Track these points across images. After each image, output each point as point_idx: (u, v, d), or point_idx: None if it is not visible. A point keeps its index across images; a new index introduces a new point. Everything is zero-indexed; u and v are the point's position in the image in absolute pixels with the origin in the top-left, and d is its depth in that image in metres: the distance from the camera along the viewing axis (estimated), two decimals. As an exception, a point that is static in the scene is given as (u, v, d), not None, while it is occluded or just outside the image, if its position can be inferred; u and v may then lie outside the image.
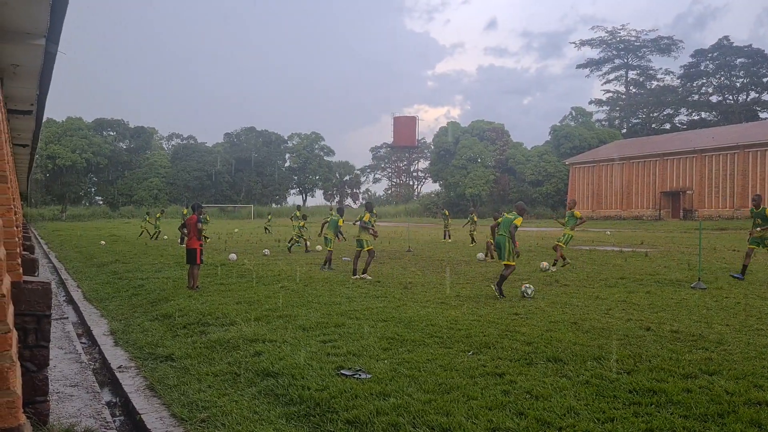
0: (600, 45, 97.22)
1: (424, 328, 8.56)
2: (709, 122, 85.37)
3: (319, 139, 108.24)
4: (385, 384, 6.01)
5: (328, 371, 6.47)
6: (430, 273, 15.90)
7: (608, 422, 4.96)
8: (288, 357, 7.05)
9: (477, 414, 5.17)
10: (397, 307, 10.47)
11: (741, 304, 10.60)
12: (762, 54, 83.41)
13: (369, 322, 9.08)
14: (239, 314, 9.80)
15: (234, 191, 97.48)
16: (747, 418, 4.94)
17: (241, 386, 6.31)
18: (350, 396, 5.68)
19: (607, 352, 7.05)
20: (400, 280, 14.24)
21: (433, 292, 12.34)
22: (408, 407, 5.35)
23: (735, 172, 53.90)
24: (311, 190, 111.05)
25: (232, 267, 17.43)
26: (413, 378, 6.19)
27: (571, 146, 77.41)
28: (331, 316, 9.61)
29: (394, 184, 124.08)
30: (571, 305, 10.57)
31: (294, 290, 12.63)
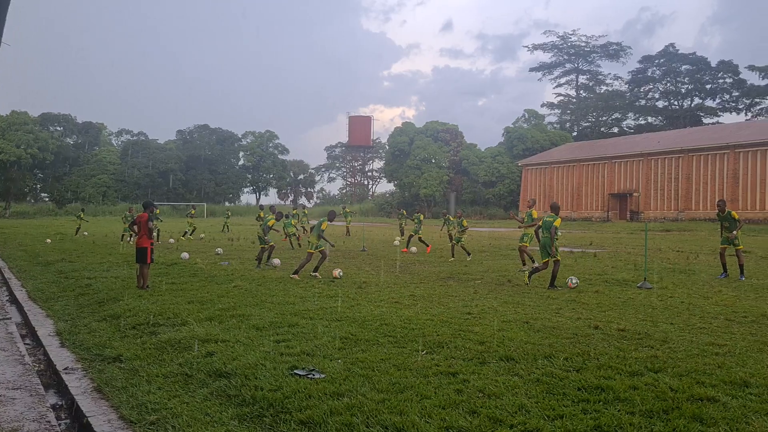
0: (552, 49, 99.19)
1: (378, 328, 8.58)
2: (656, 126, 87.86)
3: (274, 137, 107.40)
4: (339, 384, 6.00)
5: (282, 371, 6.43)
6: (384, 273, 15.93)
7: (558, 419, 5.06)
8: (241, 357, 6.98)
9: (430, 413, 5.21)
10: (351, 306, 10.46)
11: (685, 303, 10.95)
12: (705, 61, 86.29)
13: (323, 321, 9.05)
14: (191, 314, 9.65)
15: (186, 189, 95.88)
16: (690, 413, 5.11)
17: (193, 387, 6.21)
18: (304, 396, 5.65)
19: (557, 351, 7.19)
20: (355, 280, 14.23)
21: (387, 291, 12.37)
22: (362, 407, 5.35)
23: (679, 175, 55.63)
24: (265, 188, 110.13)
25: (184, 266, 17.14)
26: (367, 377, 6.20)
27: (524, 148, 78.64)
28: (285, 315, 9.55)
29: (349, 183, 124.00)
30: (523, 305, 10.74)
31: (247, 289, 12.50)
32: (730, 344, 7.63)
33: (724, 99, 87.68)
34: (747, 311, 10.06)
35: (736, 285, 13.43)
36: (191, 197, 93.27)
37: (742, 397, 5.57)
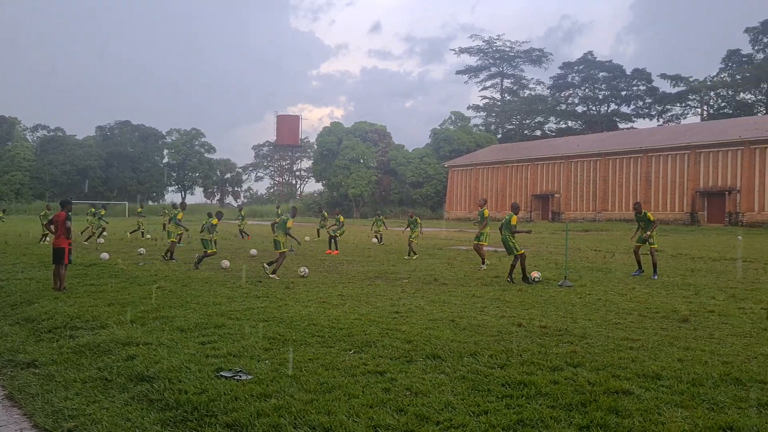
0: (478, 53, 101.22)
1: (306, 328, 8.54)
2: (575, 130, 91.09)
3: (200, 135, 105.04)
4: (266, 385, 5.94)
5: (207, 373, 6.31)
6: (312, 272, 15.85)
7: (482, 415, 5.18)
8: (164, 360, 6.80)
9: (358, 412, 5.23)
10: (278, 306, 10.37)
11: (602, 300, 11.41)
12: (621, 69, 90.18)
13: (250, 322, 8.93)
14: (111, 316, 9.33)
15: (107, 187, 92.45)
16: (606, 406, 5.34)
17: (113, 392, 6.01)
18: (230, 398, 5.56)
19: (482, 348, 7.36)
20: (282, 280, 14.11)
21: (315, 291, 12.33)
22: (289, 408, 5.32)
23: (597, 177, 57.88)
24: (191, 187, 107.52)
25: (103, 267, 16.53)
26: (295, 378, 6.16)
27: (451, 149, 79.91)
28: (211, 316, 9.37)
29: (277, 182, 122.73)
30: (449, 303, 10.92)
31: (171, 290, 12.18)
32: (643, 339, 8.01)
33: (638, 105, 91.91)
34: (659, 307, 10.57)
35: (649, 283, 14.09)
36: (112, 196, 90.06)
37: (654, 389, 5.86)
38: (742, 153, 47.99)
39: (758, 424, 4.92)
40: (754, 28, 77.24)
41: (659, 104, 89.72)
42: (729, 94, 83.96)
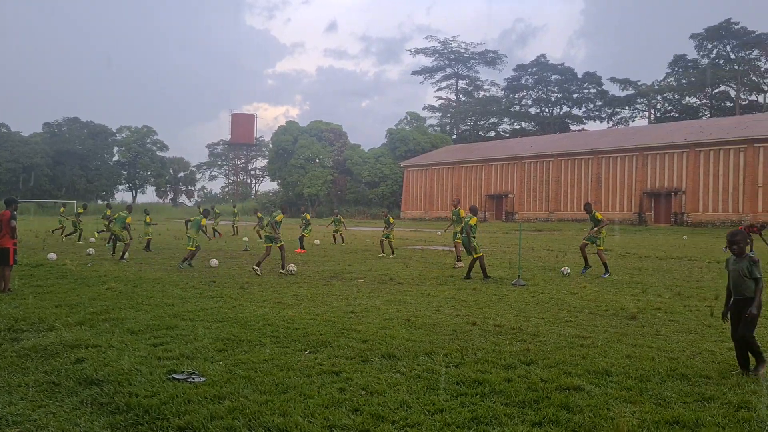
0: (433, 54, 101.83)
1: (261, 328, 8.47)
2: (529, 132, 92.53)
3: (152, 133, 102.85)
4: (219, 386, 5.86)
5: (159, 376, 6.19)
6: (267, 272, 15.72)
7: (438, 413, 5.22)
8: (114, 363, 6.65)
9: (314, 412, 5.21)
10: (233, 307, 10.25)
11: (554, 299, 11.63)
12: (572, 72, 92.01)
13: (203, 323, 8.81)
14: (59, 318, 9.07)
15: (55, 186, 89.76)
16: (558, 402, 5.44)
17: (60, 396, 5.83)
18: (182, 401, 5.47)
19: (437, 347, 7.42)
20: (237, 280, 13.95)
21: (270, 291, 12.24)
22: (244, 409, 5.26)
23: (549, 178, 58.94)
24: (142, 186, 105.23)
25: (51, 268, 16.06)
26: (249, 379, 6.10)
27: (406, 149, 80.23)
28: (163, 317, 9.20)
29: (231, 181, 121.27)
30: (404, 303, 10.97)
31: (122, 291, 11.92)
32: (594, 336, 8.20)
33: (588, 108, 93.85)
34: (608, 305, 10.84)
35: (599, 281, 14.42)
36: (59, 194, 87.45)
37: (604, 385, 6.01)
38: (688, 155, 49.53)
39: (702, 418, 5.09)
40: (698, 35, 79.71)
41: (609, 107, 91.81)
42: (675, 98, 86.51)
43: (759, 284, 6.41)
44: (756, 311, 6.31)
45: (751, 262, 6.44)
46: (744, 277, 6.43)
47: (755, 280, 6.41)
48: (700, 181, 48.78)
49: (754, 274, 6.40)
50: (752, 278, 6.41)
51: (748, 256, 6.49)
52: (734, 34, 77.17)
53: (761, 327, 9.07)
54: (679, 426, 4.96)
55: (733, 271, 6.56)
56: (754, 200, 45.55)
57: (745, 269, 6.44)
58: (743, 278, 6.44)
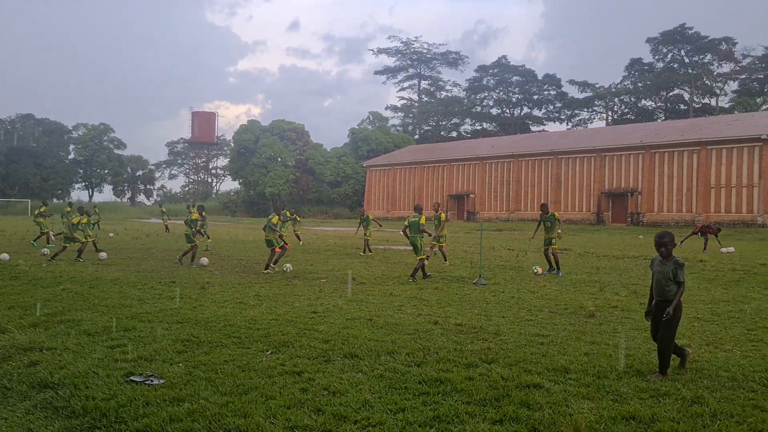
0: (396, 54, 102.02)
1: (222, 329, 8.38)
2: (490, 132, 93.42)
3: (109, 130, 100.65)
4: (179, 389, 5.78)
5: (116, 379, 6.08)
6: (228, 273, 15.56)
7: (400, 412, 5.24)
8: (70, 365, 6.50)
9: (275, 413, 5.18)
10: (193, 308, 10.12)
11: (515, 298, 11.77)
12: (533, 74, 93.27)
13: (163, 324, 8.67)
14: (11, 320, 8.82)
15: (7, 184, 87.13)
16: (518, 400, 5.51)
17: (13, 401, 5.68)
18: (141, 404, 5.38)
19: (399, 347, 7.44)
20: (197, 281, 13.77)
21: (231, 291, 12.11)
22: (204, 411, 5.20)
23: (510, 178, 59.63)
24: (99, 184, 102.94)
25: (3, 268, 15.61)
26: (210, 380, 6.03)
27: (369, 149, 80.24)
28: (121, 319, 9.02)
29: (192, 181, 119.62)
30: (366, 302, 10.98)
31: (78, 292, 11.65)
32: (553, 334, 8.33)
33: (548, 109, 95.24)
34: (567, 304, 11.02)
35: (558, 280, 14.65)
36: (12, 193, 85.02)
37: (563, 382, 6.11)
38: (643, 157, 50.66)
39: (657, 413, 5.22)
40: (654, 39, 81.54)
41: (568, 109, 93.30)
42: (632, 101, 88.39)
43: (681, 288, 6.34)
44: (673, 312, 6.23)
45: (677, 265, 6.35)
46: (668, 279, 6.34)
47: (678, 284, 6.33)
48: (655, 181, 49.93)
49: (678, 278, 6.31)
50: (676, 281, 6.32)
51: (675, 259, 6.40)
52: (688, 39, 79.19)
53: (713, 323, 9.35)
54: (635, 421, 5.07)
55: (657, 273, 6.46)
56: (706, 201, 46.83)
57: (670, 272, 6.34)
58: (667, 281, 6.35)
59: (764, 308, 10.78)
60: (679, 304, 6.32)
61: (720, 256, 22.13)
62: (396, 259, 19.90)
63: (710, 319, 9.77)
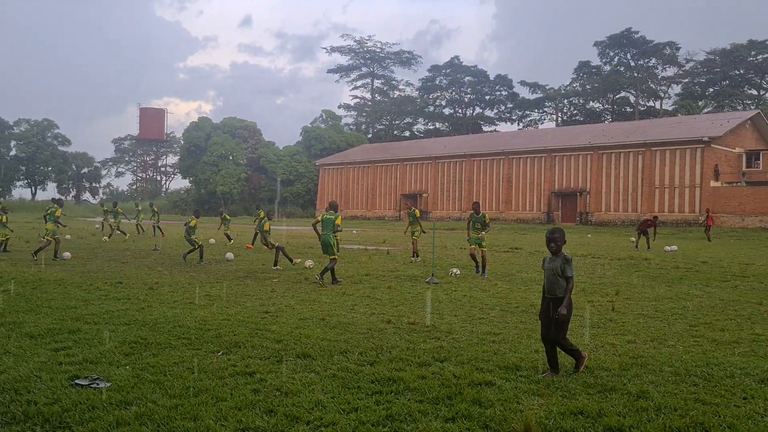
0: (349, 53, 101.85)
1: (171, 330, 8.22)
2: (443, 132, 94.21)
3: (53, 126, 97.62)
4: (126, 392, 5.64)
5: (60, 382, 5.89)
6: (178, 273, 15.27)
7: (353, 412, 5.23)
8: (11, 369, 6.27)
9: (226, 415, 5.10)
10: (141, 309, 9.90)
11: (467, 296, 11.89)
12: (485, 74, 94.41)
13: (109, 326, 8.45)
14: (-53, 324, 8.46)
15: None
16: (470, 398, 5.56)
17: (-51, 407, 5.45)
18: (86, 408, 5.22)
19: (352, 346, 7.43)
20: (145, 281, 13.47)
21: (181, 292, 11.89)
22: (152, 415, 5.08)
23: (462, 178, 60.26)
24: (42, 182, 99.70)
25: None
26: (158, 383, 5.90)
27: (321, 148, 79.96)
28: (65, 321, 8.76)
29: (140, 178, 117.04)
30: (319, 302, 10.93)
31: (20, 293, 11.26)
32: (505, 332, 8.45)
33: (500, 110, 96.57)
34: (518, 302, 11.19)
35: (510, 278, 14.86)
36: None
37: (514, 379, 6.20)
38: (591, 157, 51.86)
39: (604, 408, 5.34)
40: (601, 42, 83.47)
41: (519, 109, 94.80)
42: (580, 103, 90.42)
43: (570, 283, 6.26)
44: (565, 311, 6.17)
45: (565, 260, 6.28)
46: (557, 276, 6.28)
47: (566, 279, 6.26)
48: (603, 182, 51.18)
49: (566, 273, 6.24)
50: (564, 277, 6.26)
51: (563, 255, 6.32)
52: (634, 43, 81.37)
53: (657, 320, 9.62)
54: (583, 416, 5.18)
55: (548, 270, 6.40)
56: (651, 200, 48.25)
57: (558, 268, 6.27)
58: (557, 277, 6.28)
59: (705, 305, 11.16)
60: (569, 301, 6.25)
61: (663, 254, 22.83)
62: (349, 258, 19.87)
63: (654, 315, 10.06)
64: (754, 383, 6.16)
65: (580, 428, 4.92)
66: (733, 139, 48.30)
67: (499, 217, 56.43)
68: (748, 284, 14.20)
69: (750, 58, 76.48)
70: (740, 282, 14.58)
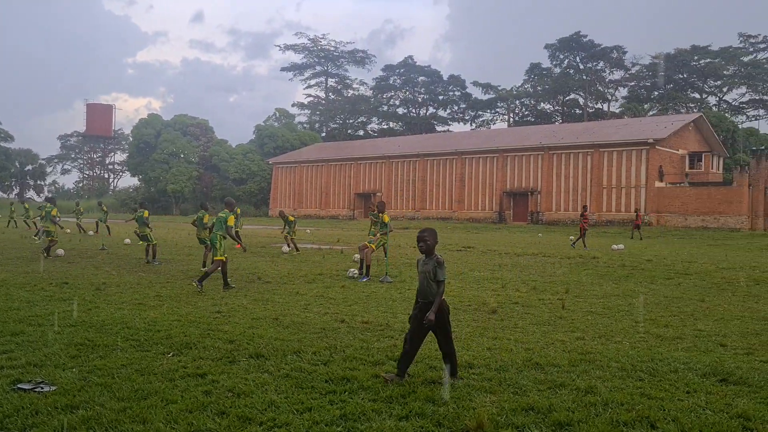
0: (303, 51, 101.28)
1: (119, 331, 8.03)
2: (396, 131, 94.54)
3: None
4: (72, 395, 5.48)
5: (2, 387, 5.68)
6: (126, 273, 14.93)
7: (306, 412, 5.20)
8: (-52, 375, 6.02)
9: (176, 418, 5.01)
10: (88, 310, 9.64)
11: (420, 295, 11.94)
12: (438, 74, 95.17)
13: (54, 328, 8.20)
14: None
15: None
16: (424, 396, 5.60)
17: None
18: (29, 413, 5.06)
19: (305, 346, 7.39)
20: (92, 281, 13.12)
21: (129, 292, 11.62)
22: (100, 419, 4.96)
23: (416, 177, 60.59)
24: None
25: None
26: (106, 386, 5.76)
27: (275, 146, 79.27)
28: (7, 323, 8.46)
29: (87, 176, 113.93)
30: (272, 302, 10.83)
31: (-43, 296, 10.83)
32: (458, 331, 8.52)
33: (453, 110, 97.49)
34: (471, 300, 11.31)
35: (462, 277, 15.00)
36: None
37: (466, 377, 6.26)
38: (542, 157, 52.81)
39: (554, 404, 5.44)
40: (552, 45, 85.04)
41: (472, 110, 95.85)
42: (531, 104, 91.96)
43: (441, 287, 5.97)
44: (433, 317, 5.87)
45: (437, 263, 5.98)
46: (430, 279, 5.99)
47: (438, 283, 5.97)
48: (553, 182, 52.18)
49: (438, 277, 5.95)
50: (436, 281, 5.97)
51: (436, 257, 6.03)
52: (583, 46, 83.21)
53: (605, 317, 9.86)
54: (534, 412, 5.27)
55: (421, 273, 6.10)
56: (599, 200, 49.42)
57: (431, 271, 5.98)
58: (429, 280, 5.99)
59: (650, 302, 11.49)
60: (441, 306, 5.99)
61: (611, 252, 23.40)
62: (302, 258, 19.77)
63: (602, 312, 10.31)
64: (696, 377, 6.38)
65: (531, 424, 5.01)
66: (677, 141, 49.87)
67: (452, 217, 56.98)
68: (691, 281, 14.69)
69: (693, 63, 79.14)
70: (683, 279, 15.07)
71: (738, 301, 11.79)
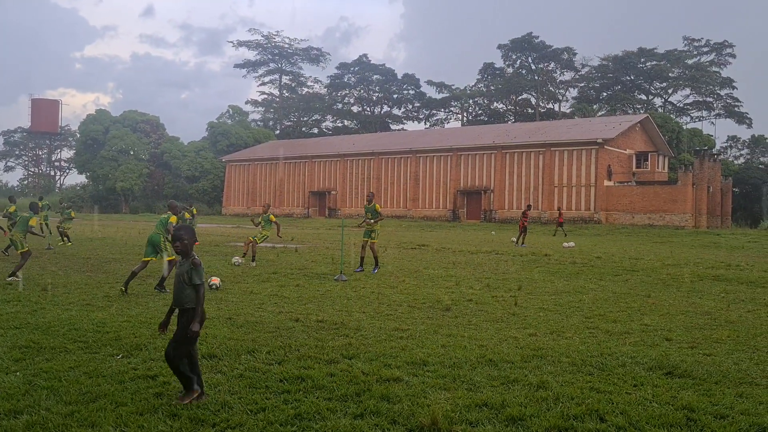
0: (257, 48, 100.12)
1: (66, 333, 7.81)
2: (351, 130, 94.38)
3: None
4: (16, 400, 5.31)
5: (-59, 393, 5.47)
6: (73, 272, 14.52)
7: (260, 412, 5.15)
8: None
9: (127, 421, 4.90)
10: (33, 311, 9.34)
11: (375, 293, 11.98)
12: (393, 73, 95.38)
13: (-3, 331, 7.92)
14: None
15: None
16: (379, 394, 5.62)
17: None
18: (-29, 419, 4.88)
19: (260, 345, 7.33)
20: (38, 282, 12.71)
21: (77, 293, 11.31)
22: (46, 423, 4.82)
23: (371, 175, 60.63)
24: None
25: None
26: (52, 389, 5.60)
27: (228, 144, 78.22)
28: (-54, 327, 8.14)
29: (32, 173, 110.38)
30: (226, 301, 10.70)
31: None
32: (412, 328, 8.57)
33: (408, 109, 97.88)
34: (425, 298, 11.39)
35: (417, 275, 15.09)
36: None
37: (421, 375, 6.30)
38: (495, 156, 53.49)
39: (507, 399, 5.53)
40: (504, 45, 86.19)
41: (426, 109, 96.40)
42: (485, 103, 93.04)
43: (200, 292, 5.41)
44: (198, 328, 5.35)
45: (192, 265, 5.39)
46: (185, 283, 5.39)
47: (195, 288, 5.40)
48: (506, 180, 52.90)
49: (194, 281, 5.38)
50: (192, 285, 5.39)
51: (192, 258, 5.43)
52: (535, 47, 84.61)
53: (556, 313, 10.05)
54: (488, 408, 5.34)
55: (177, 275, 5.47)
56: (551, 199, 50.32)
57: (185, 274, 5.39)
58: (184, 284, 5.39)
59: (600, 298, 11.77)
60: (203, 315, 5.55)
61: (562, 250, 23.87)
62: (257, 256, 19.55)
63: (554, 309, 10.51)
64: (643, 371, 6.56)
65: (485, 419, 5.07)
66: (625, 141, 51.16)
67: (407, 215, 57.20)
68: (638, 278, 15.11)
69: (640, 65, 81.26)
70: (631, 276, 15.48)
71: (682, 296, 12.18)
